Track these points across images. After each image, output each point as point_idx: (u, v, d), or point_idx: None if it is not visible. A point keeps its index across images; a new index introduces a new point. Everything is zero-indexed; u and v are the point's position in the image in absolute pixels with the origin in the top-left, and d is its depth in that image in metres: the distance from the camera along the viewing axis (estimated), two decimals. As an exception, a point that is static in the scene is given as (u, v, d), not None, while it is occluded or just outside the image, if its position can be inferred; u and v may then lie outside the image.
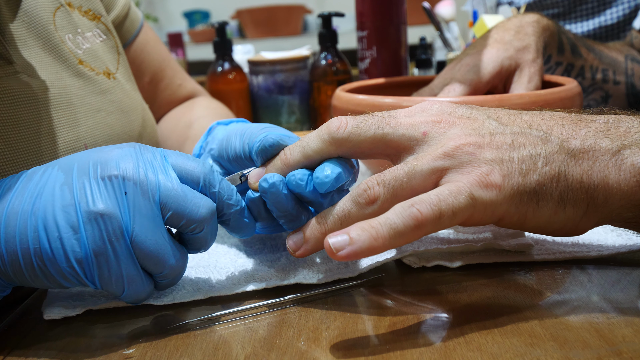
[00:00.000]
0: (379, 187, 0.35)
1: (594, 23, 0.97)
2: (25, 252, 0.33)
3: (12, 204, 0.34)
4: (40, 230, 0.33)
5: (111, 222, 0.33)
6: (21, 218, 0.34)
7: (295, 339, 0.33)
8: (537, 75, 0.61)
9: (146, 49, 0.73)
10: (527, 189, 0.35)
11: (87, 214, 0.33)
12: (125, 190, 0.34)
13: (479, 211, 0.34)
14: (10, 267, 0.34)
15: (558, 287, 0.38)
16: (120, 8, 0.68)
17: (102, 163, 0.35)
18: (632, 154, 0.35)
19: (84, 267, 0.34)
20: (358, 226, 0.33)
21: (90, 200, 0.34)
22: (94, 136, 0.53)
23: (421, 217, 0.33)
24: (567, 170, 0.35)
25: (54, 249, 0.33)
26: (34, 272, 0.34)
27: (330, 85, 0.91)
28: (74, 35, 0.56)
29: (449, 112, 0.38)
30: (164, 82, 0.76)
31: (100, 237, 0.33)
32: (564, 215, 0.35)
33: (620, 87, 0.76)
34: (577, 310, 0.34)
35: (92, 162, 0.35)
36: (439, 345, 0.31)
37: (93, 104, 0.55)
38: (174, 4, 3.02)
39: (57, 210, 0.33)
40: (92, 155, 0.36)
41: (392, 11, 0.80)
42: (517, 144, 0.36)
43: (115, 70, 0.61)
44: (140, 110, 0.62)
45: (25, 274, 0.34)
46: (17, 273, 0.34)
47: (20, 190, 0.35)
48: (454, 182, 0.34)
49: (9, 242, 0.34)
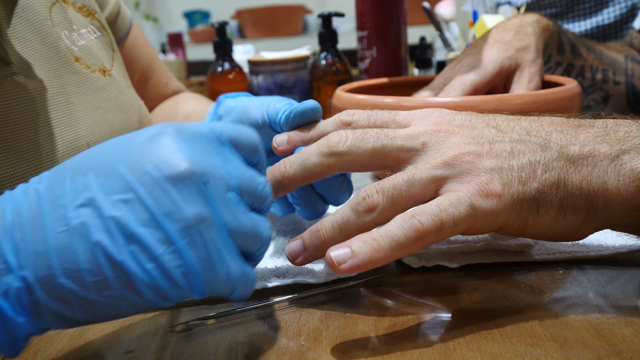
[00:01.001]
0: (378, 195, 0.35)
1: (592, 22, 0.97)
2: (102, 285, 0.27)
3: (55, 232, 0.27)
4: (121, 255, 0.27)
5: (205, 223, 0.29)
6: (83, 247, 0.27)
7: (295, 339, 0.33)
8: (537, 75, 0.61)
9: (136, 47, 0.74)
10: (527, 196, 0.35)
11: (178, 223, 0.28)
12: (204, 181, 0.29)
13: (480, 220, 0.34)
14: (79, 306, 0.28)
15: (558, 287, 0.38)
16: (112, 6, 0.69)
17: (163, 159, 0.29)
18: (631, 159, 0.35)
19: (189, 279, 0.28)
20: (359, 238, 0.33)
21: (174, 207, 0.28)
22: (94, 134, 0.53)
23: (422, 228, 0.33)
24: (566, 176, 0.35)
25: (149, 269, 0.27)
26: (117, 303, 0.28)
27: (330, 85, 0.91)
28: (69, 31, 0.56)
29: (448, 121, 0.38)
30: (153, 80, 0.78)
31: (201, 241, 0.28)
32: (564, 221, 0.35)
33: (620, 87, 0.76)
34: (577, 310, 0.34)
35: (149, 162, 0.28)
36: (439, 345, 0.31)
37: (91, 102, 0.55)
38: (174, 4, 3.02)
39: (138, 229, 0.27)
40: (137, 151, 0.29)
41: (392, 11, 0.80)
42: (517, 151, 0.36)
43: (111, 67, 0.61)
44: (137, 106, 0.62)
45: (101, 309, 0.28)
46: (90, 310, 0.28)
47: (53, 210, 0.28)
48: (454, 192, 0.34)
49: (73, 277, 0.27)
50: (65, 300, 0.27)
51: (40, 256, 0.27)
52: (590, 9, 0.97)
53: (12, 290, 0.26)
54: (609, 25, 0.96)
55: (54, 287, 0.27)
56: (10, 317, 0.26)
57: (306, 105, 0.42)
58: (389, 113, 0.40)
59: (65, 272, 0.27)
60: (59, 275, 0.27)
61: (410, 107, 0.52)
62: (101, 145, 0.31)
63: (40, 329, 0.28)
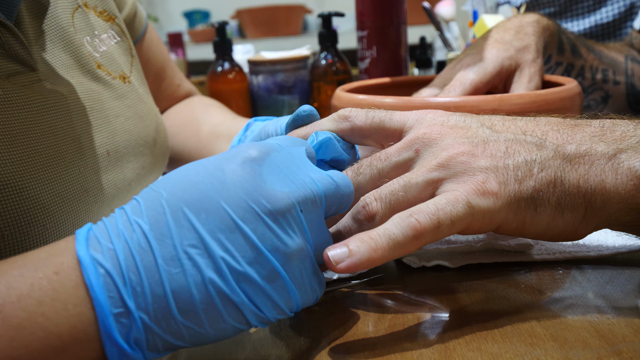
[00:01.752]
0: (377, 203, 0.36)
1: (590, 21, 0.97)
2: (217, 320, 0.28)
3: (170, 274, 0.28)
4: (233, 294, 0.28)
5: (303, 253, 0.31)
6: (197, 289, 0.28)
7: (295, 339, 0.33)
8: (537, 75, 0.61)
9: (151, 47, 0.73)
10: (524, 195, 0.35)
11: (282, 257, 0.29)
12: (301, 209, 0.31)
13: (477, 219, 0.34)
14: (190, 341, 0.29)
15: (558, 287, 0.38)
16: (130, 6, 0.68)
17: (260, 195, 0.30)
18: (628, 157, 0.35)
19: (291, 305, 0.31)
20: (357, 238, 0.33)
21: (279, 242, 0.29)
22: (114, 142, 0.53)
23: (420, 227, 0.33)
24: (563, 175, 0.35)
25: (258, 303, 0.29)
26: (226, 334, 0.29)
27: (330, 85, 0.91)
28: (91, 37, 0.56)
29: (441, 122, 0.38)
30: (166, 81, 0.77)
31: (300, 272, 0.31)
32: (562, 220, 0.35)
33: (620, 87, 0.76)
34: (577, 310, 0.34)
35: (250, 199, 0.29)
36: (439, 345, 0.31)
37: (112, 110, 0.54)
38: (174, 4, 3.02)
39: (246, 267, 0.28)
40: (231, 183, 0.30)
41: (392, 11, 0.80)
42: (512, 151, 0.36)
43: (130, 74, 0.60)
44: (154, 114, 0.62)
45: (208, 339, 0.29)
46: (200, 340, 0.29)
47: (160, 250, 0.28)
48: (451, 192, 0.35)
49: (190, 316, 0.28)
50: (182, 335, 0.28)
51: (157, 299, 0.27)
52: (589, 8, 0.97)
53: (133, 332, 0.27)
54: (607, 23, 0.96)
55: (171, 326, 0.28)
56: (130, 354, 0.27)
57: (299, 110, 0.43)
58: (386, 112, 0.40)
59: (181, 312, 0.28)
60: (176, 315, 0.28)
61: (410, 107, 0.52)
62: (188, 171, 0.31)
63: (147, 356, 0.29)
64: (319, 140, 0.40)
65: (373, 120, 0.40)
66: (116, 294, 0.27)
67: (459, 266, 0.41)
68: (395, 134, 0.40)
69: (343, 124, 0.41)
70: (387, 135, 0.40)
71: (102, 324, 0.27)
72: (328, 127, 0.41)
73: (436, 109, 0.40)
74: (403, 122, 0.40)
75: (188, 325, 0.28)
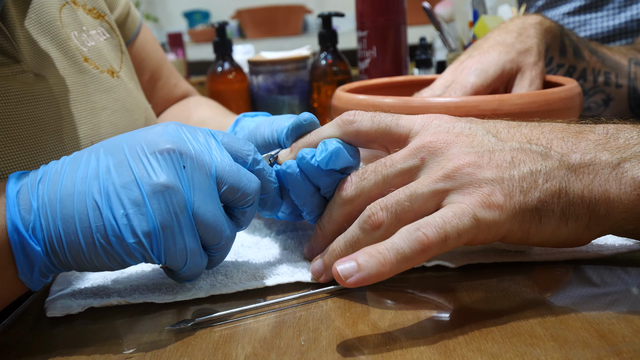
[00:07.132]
0: (383, 212, 0.36)
1: (626, 16, 0.95)
2: (87, 232, 0.34)
3: (65, 187, 0.34)
4: (104, 209, 0.33)
5: (175, 195, 0.34)
6: (78, 199, 0.34)
7: (295, 339, 0.33)
8: (538, 78, 0.61)
9: (146, 48, 0.74)
10: (529, 207, 0.35)
11: (151, 187, 0.34)
12: (183, 164, 0.35)
13: (483, 231, 0.35)
14: (68, 248, 0.34)
15: (558, 287, 0.38)
16: (122, 7, 0.69)
17: (154, 140, 0.35)
18: (632, 167, 0.35)
19: (151, 242, 0.34)
20: (365, 252, 0.33)
21: (152, 174, 0.34)
22: (99, 134, 0.53)
23: (427, 241, 0.33)
24: (568, 185, 0.35)
25: (121, 225, 0.33)
26: (96, 251, 0.34)
27: (330, 85, 0.91)
28: (79, 32, 0.57)
29: (446, 130, 0.38)
30: (162, 81, 0.78)
31: (167, 209, 0.34)
32: (566, 229, 0.36)
33: (622, 90, 0.76)
34: (577, 310, 0.34)
35: (143, 140, 0.35)
36: (439, 345, 0.31)
37: (98, 102, 0.55)
38: (174, 4, 3.02)
39: (119, 189, 0.34)
40: (138, 135, 0.36)
41: (392, 11, 0.80)
42: (517, 161, 0.36)
43: (119, 69, 0.61)
44: (143, 109, 0.62)
45: (84, 255, 0.34)
46: (75, 254, 0.34)
47: (69, 173, 0.35)
48: (457, 204, 0.35)
49: (67, 222, 0.34)
50: (60, 238, 0.34)
51: (51, 203, 0.34)
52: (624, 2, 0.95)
53: (31, 225, 0.34)
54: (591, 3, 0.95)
55: (55, 228, 0.34)
56: (30, 244, 0.34)
57: (299, 117, 0.43)
58: (392, 117, 0.40)
59: (63, 217, 0.34)
60: (57, 218, 0.34)
61: (410, 108, 0.52)
62: (129, 131, 0.37)
63: (49, 265, 0.35)
64: (330, 150, 0.39)
65: (379, 125, 0.40)
66: (27, 199, 0.34)
67: (459, 266, 0.41)
68: (401, 139, 0.40)
69: (348, 129, 0.40)
70: (393, 140, 0.40)
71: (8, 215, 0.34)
72: (332, 133, 0.41)
73: (438, 111, 0.40)
74: (409, 127, 0.40)
75: (66, 231, 0.34)
